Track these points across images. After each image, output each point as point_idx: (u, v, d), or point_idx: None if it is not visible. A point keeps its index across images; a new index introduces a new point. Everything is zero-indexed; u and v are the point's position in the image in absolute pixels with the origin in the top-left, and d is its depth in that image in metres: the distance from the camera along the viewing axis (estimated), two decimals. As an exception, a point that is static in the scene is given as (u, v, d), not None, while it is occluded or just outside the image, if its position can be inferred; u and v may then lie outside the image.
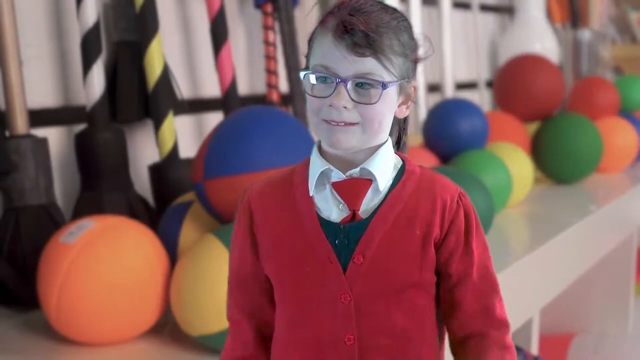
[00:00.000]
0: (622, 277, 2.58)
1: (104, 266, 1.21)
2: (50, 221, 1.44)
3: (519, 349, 1.76)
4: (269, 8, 1.95)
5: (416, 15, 2.62)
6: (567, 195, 2.38)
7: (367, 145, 0.79)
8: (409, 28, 0.79)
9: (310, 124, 0.80)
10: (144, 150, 1.79)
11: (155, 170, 1.68)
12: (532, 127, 2.57)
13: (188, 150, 1.76)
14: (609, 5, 4.33)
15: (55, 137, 1.60)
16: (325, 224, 0.79)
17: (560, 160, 2.44)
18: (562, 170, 2.47)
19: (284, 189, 0.83)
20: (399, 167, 0.82)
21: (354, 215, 0.79)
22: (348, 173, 0.79)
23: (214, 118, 1.96)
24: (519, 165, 2.09)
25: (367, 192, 0.79)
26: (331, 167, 0.79)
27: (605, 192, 2.43)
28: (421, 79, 2.64)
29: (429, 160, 1.97)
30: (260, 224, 0.82)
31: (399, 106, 0.80)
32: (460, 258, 0.80)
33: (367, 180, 0.79)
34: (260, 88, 2.11)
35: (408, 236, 0.79)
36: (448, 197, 0.80)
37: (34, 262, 1.31)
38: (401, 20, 0.79)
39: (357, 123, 0.77)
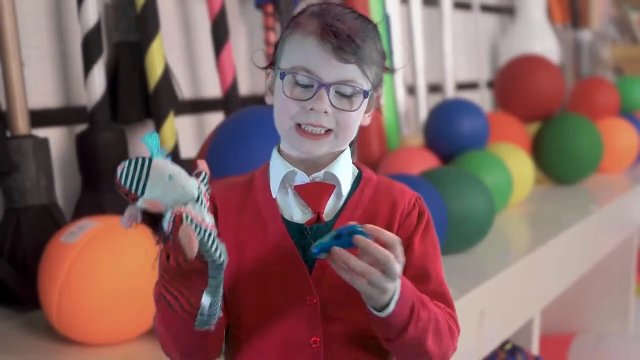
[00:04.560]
0: (622, 277, 2.58)
1: (105, 266, 1.21)
2: (51, 221, 1.44)
3: (519, 349, 1.76)
4: (270, 9, 1.95)
5: (417, 15, 2.61)
6: (567, 196, 2.38)
7: (335, 150, 0.79)
8: (380, 38, 0.80)
9: (280, 128, 0.80)
10: (145, 151, 1.78)
11: (156, 171, 1.68)
12: (533, 128, 2.57)
13: (189, 150, 1.76)
14: (609, 6, 4.33)
15: (56, 138, 1.60)
16: (289, 226, 0.80)
17: (560, 161, 2.44)
18: (562, 171, 2.47)
19: (245, 194, 0.83)
20: (356, 174, 0.83)
21: (318, 217, 0.79)
22: (312, 176, 0.80)
23: (215, 118, 1.96)
24: (519, 166, 2.10)
25: (330, 196, 0.80)
26: (295, 169, 0.80)
27: (605, 192, 2.44)
28: (422, 79, 2.64)
29: (429, 160, 1.97)
30: (222, 223, 0.81)
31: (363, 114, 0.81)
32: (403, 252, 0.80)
33: (331, 185, 0.80)
34: (261, 88, 2.10)
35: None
36: (406, 200, 0.82)
37: (35, 262, 1.31)
38: (375, 30, 0.79)
39: (331, 130, 0.77)
